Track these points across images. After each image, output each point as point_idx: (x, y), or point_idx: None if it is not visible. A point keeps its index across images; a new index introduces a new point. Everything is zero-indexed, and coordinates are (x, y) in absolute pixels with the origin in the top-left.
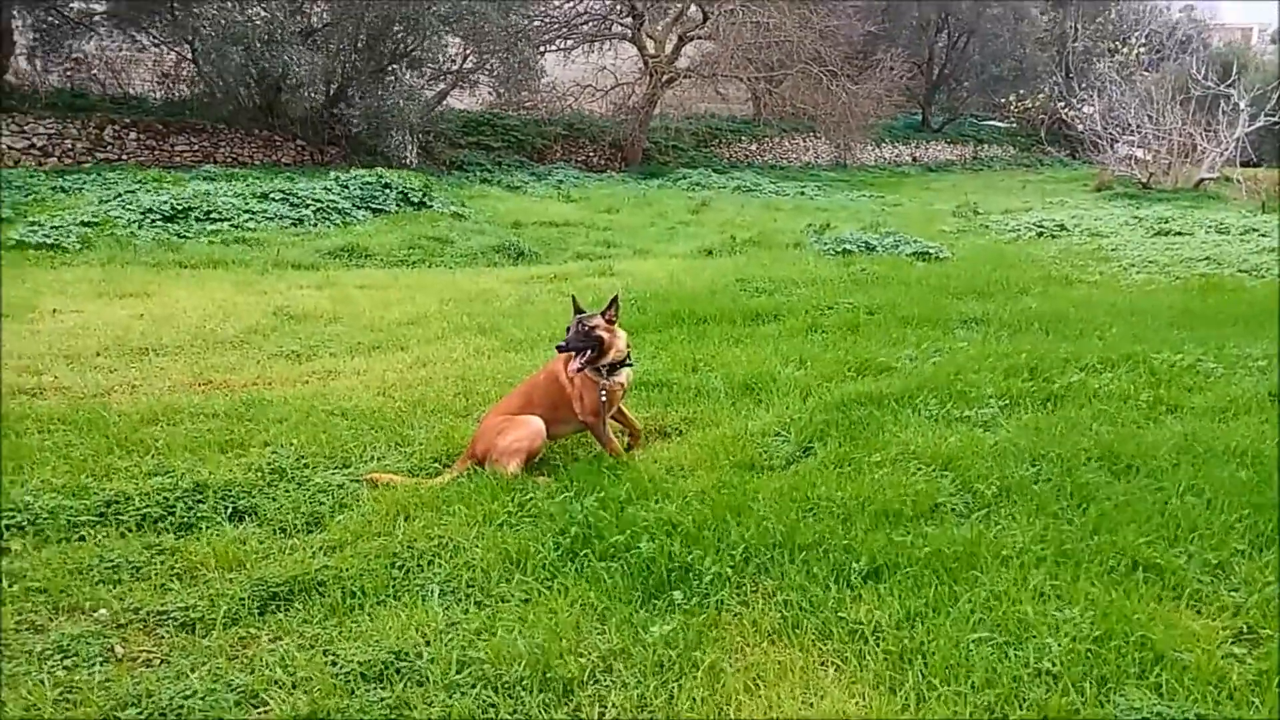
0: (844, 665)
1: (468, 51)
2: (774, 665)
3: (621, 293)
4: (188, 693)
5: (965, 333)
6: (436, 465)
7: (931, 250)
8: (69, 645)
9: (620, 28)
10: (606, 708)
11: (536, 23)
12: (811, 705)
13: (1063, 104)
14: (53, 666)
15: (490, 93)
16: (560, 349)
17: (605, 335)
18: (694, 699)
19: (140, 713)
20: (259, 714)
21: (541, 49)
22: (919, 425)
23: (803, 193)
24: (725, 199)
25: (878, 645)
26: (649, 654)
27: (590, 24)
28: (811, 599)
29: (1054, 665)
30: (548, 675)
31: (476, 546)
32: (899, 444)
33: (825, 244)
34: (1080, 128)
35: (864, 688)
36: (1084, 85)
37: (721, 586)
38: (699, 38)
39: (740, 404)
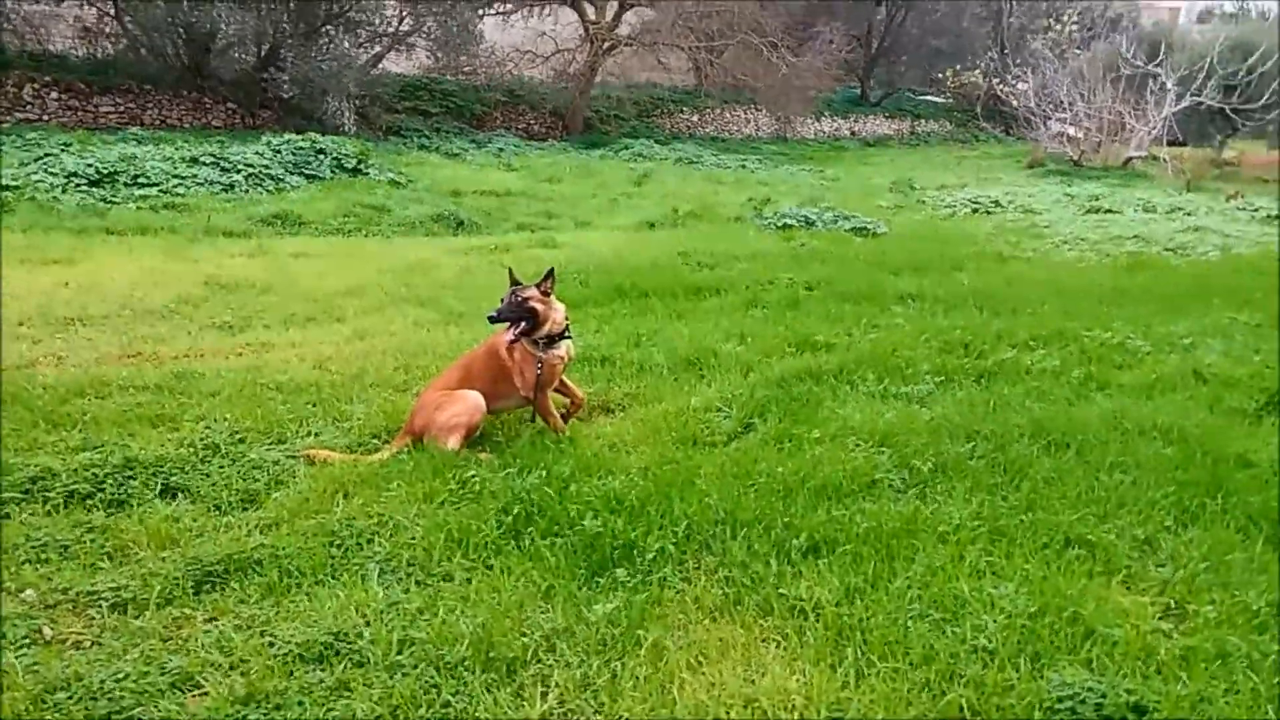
0: (785, 642)
1: (404, 13)
2: (716, 643)
3: (564, 265)
4: (119, 675)
5: (902, 309)
6: (375, 441)
7: (869, 226)
8: None
9: None
10: (550, 687)
11: None
12: (753, 682)
13: (998, 80)
14: None
15: (428, 56)
16: (491, 319)
17: (539, 307)
18: (637, 677)
19: (70, 696)
20: (193, 697)
21: (480, 12)
22: (857, 401)
23: (744, 165)
24: (667, 170)
25: (818, 622)
26: (592, 632)
27: None
28: (753, 575)
29: (990, 642)
30: (490, 655)
31: (417, 525)
32: (838, 420)
33: (766, 219)
34: (1015, 104)
35: (805, 664)
36: (1018, 62)
37: (664, 563)
38: (640, 4)
39: (682, 379)
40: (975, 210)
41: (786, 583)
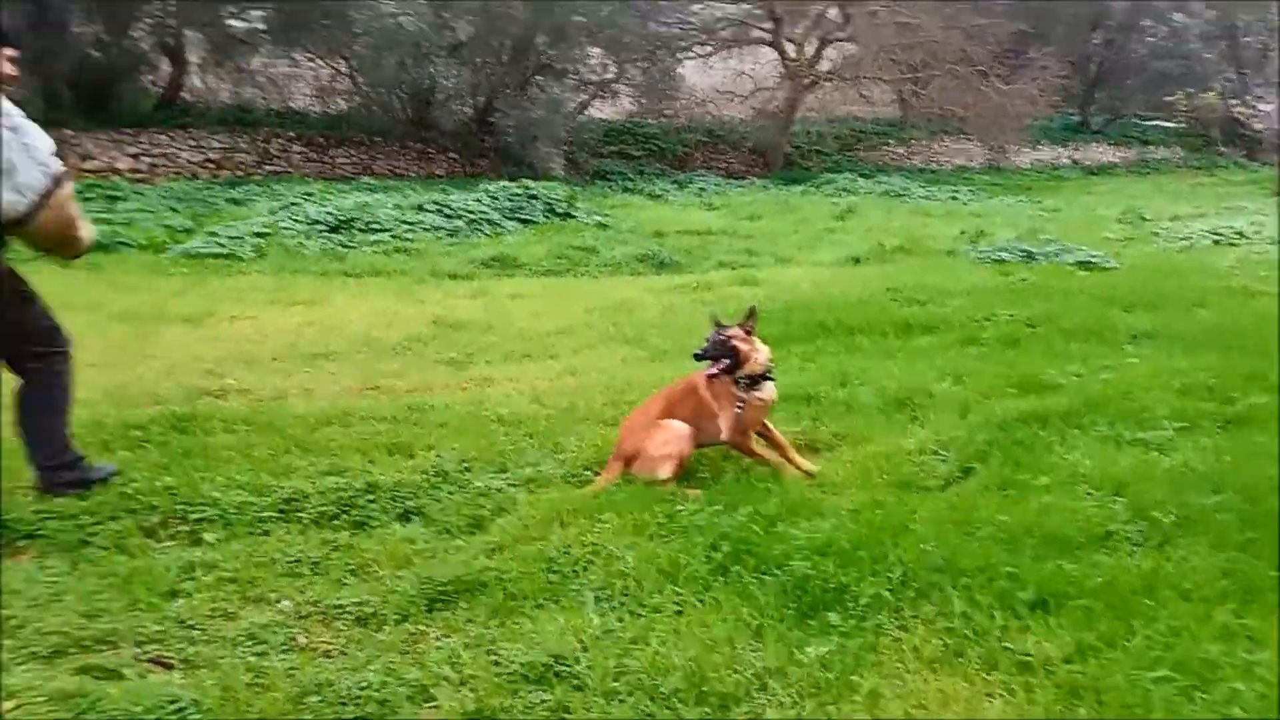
0: (1011, 697)
1: (608, 61)
2: (936, 694)
3: (764, 302)
4: (364, 684)
5: (1135, 348)
6: (587, 473)
7: (1096, 259)
8: (257, 633)
9: (759, 32)
10: None
11: (676, 30)
12: None
13: (1237, 102)
14: (244, 652)
15: (631, 102)
16: (697, 356)
17: (742, 346)
18: None
19: (321, 700)
20: (429, 709)
21: (680, 56)
22: (1088, 447)
23: (954, 197)
24: (872, 204)
25: (1047, 679)
26: (805, 674)
27: (729, 29)
28: (975, 627)
29: (1245, 712)
30: (703, 689)
31: (628, 556)
32: (1066, 466)
33: (981, 252)
34: (1259, 127)
35: None
36: (1260, 82)
37: (879, 609)
38: (840, 40)
39: (894, 420)
40: (1216, 242)
41: (1012, 636)
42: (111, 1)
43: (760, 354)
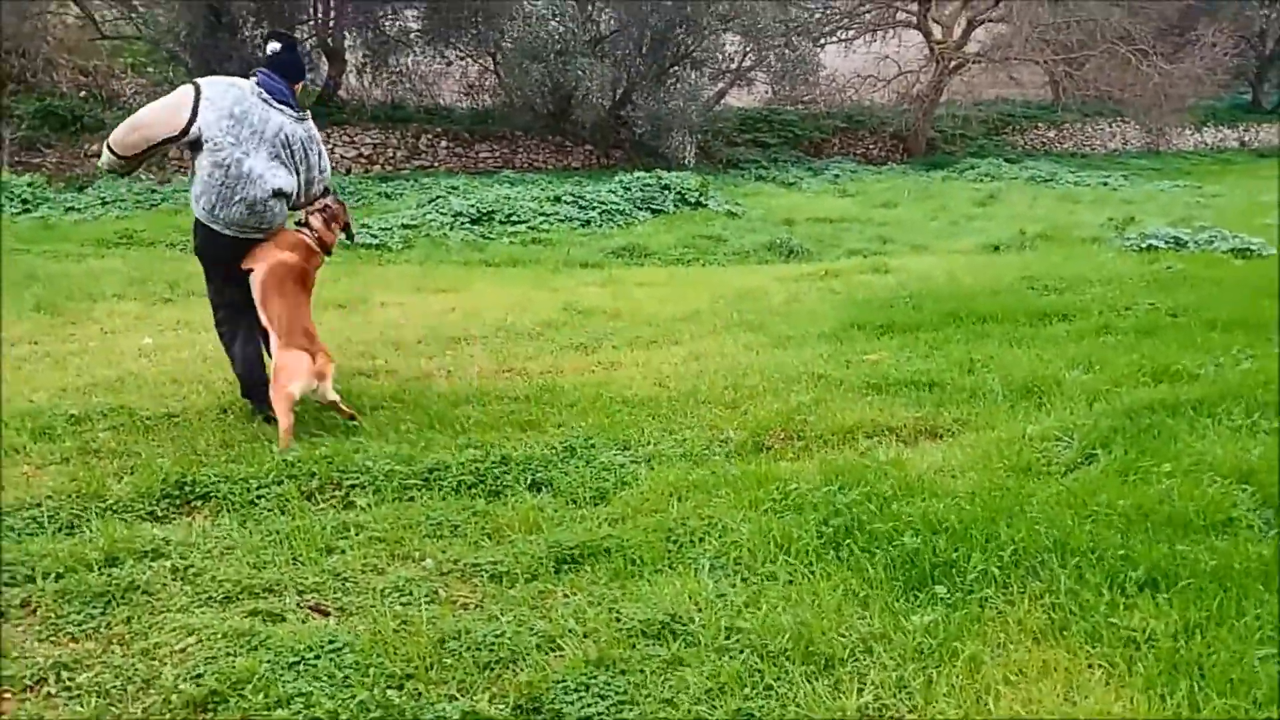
0: (1112, 670)
1: (746, 49)
2: (1037, 664)
3: (895, 290)
4: (498, 633)
5: None
6: (706, 452)
7: (1254, 247)
8: (404, 586)
9: (905, 15)
10: (866, 684)
11: (816, 15)
12: (1074, 704)
13: None
14: (391, 602)
15: (767, 89)
16: None
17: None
18: (952, 685)
19: (461, 645)
20: (555, 657)
21: (821, 41)
22: (1219, 435)
23: (1105, 183)
24: (1017, 190)
25: (1150, 653)
26: (909, 640)
27: (872, 12)
28: (1081, 603)
29: None
30: (810, 649)
31: (743, 528)
32: (1193, 454)
33: (1128, 240)
34: None
35: (1133, 692)
36: None
37: (986, 584)
38: (990, 20)
39: (1019, 407)
40: None
41: (1118, 613)
42: (279, 6)
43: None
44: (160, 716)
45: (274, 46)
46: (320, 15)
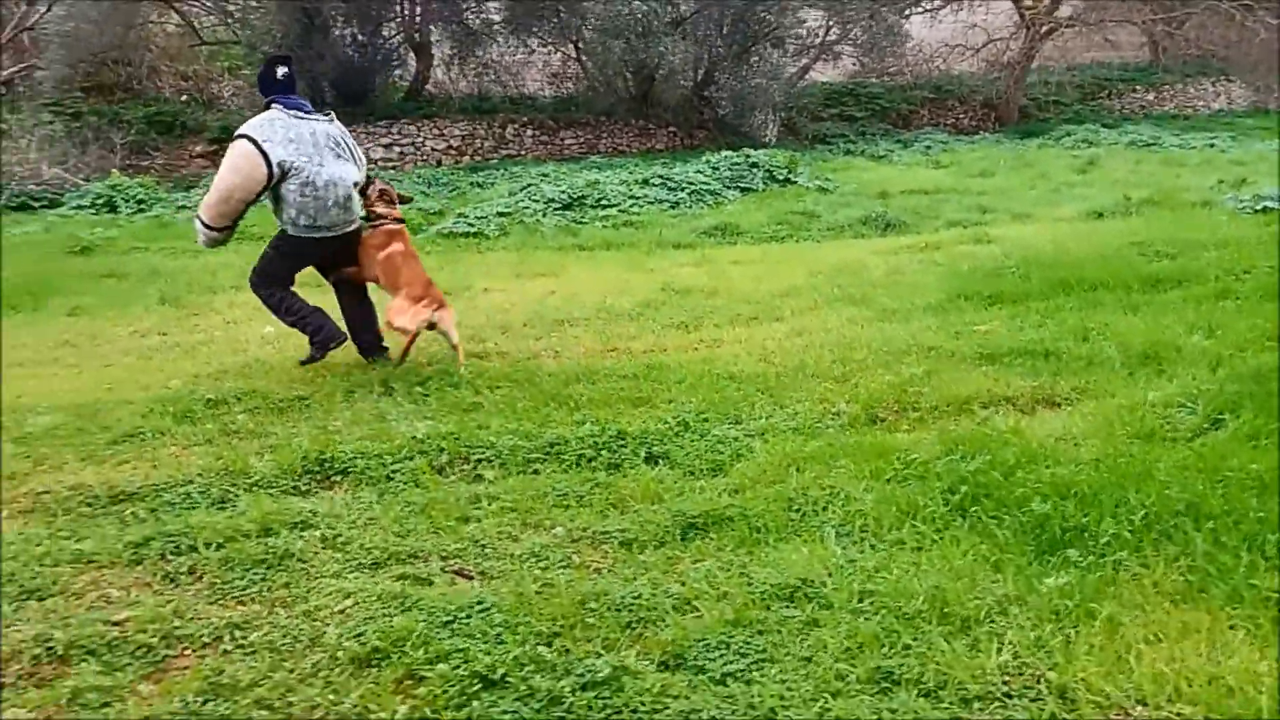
0: (1255, 630)
1: (830, 23)
2: (1177, 625)
3: (1001, 260)
4: (634, 595)
5: None
6: (819, 425)
7: None
8: (539, 552)
9: None
10: (1004, 644)
11: None
12: (1218, 663)
13: None
14: (530, 567)
15: (853, 63)
16: None
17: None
18: (1091, 644)
19: (599, 606)
20: (692, 617)
21: (907, 12)
22: None
23: (1212, 144)
24: (1117, 156)
25: None
26: (1044, 602)
27: None
28: (1219, 566)
29: None
30: (945, 611)
31: (866, 497)
32: None
33: (1241, 201)
34: None
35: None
36: None
37: (1119, 548)
38: None
39: (1138, 374)
40: None
41: (1259, 575)
42: (367, 4)
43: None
44: (329, 671)
45: (284, 70)
46: (407, 12)
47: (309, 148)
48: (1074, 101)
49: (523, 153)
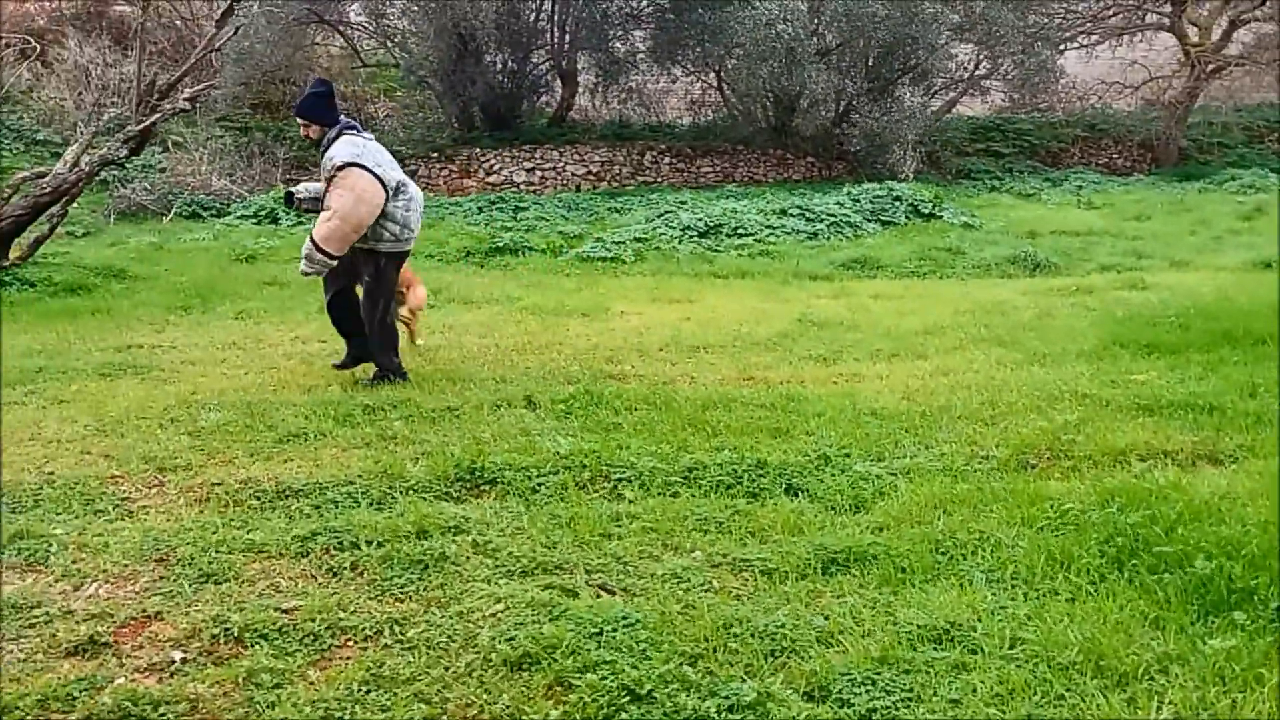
0: None
1: (980, 57)
2: None
3: (1157, 308)
4: (778, 624)
5: None
6: (967, 468)
7: None
8: (680, 573)
9: (1155, 17)
10: (1164, 702)
11: (1058, 20)
12: None
13: None
14: (671, 587)
15: (1002, 98)
16: None
17: None
18: (1259, 711)
19: (743, 632)
20: (835, 651)
21: (1062, 47)
22: None
23: None
24: None
25: None
26: (1207, 663)
27: (1120, 16)
28: None
29: None
30: (1101, 664)
31: (1018, 544)
32: None
33: None
34: None
35: None
36: None
37: None
38: (1256, 19)
39: None
40: None
41: None
42: (519, 32)
43: None
44: (482, 672)
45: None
46: (556, 40)
47: (389, 166)
48: (1239, 144)
49: (659, 179)
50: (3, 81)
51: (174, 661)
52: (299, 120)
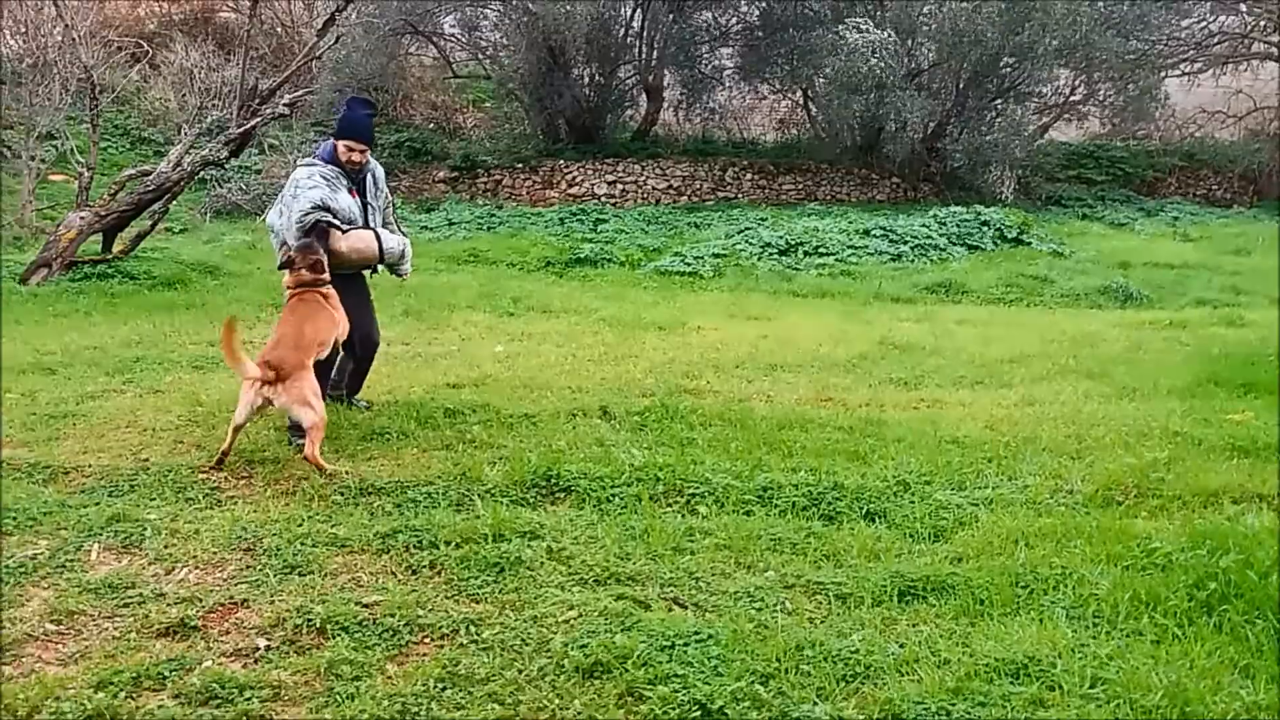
0: None
1: (1077, 81)
2: None
3: (1256, 347)
4: (852, 649)
5: None
6: (1049, 500)
7: None
8: (752, 592)
9: (1263, 46)
10: None
11: (1160, 47)
12: None
13: None
14: (744, 606)
15: (1099, 124)
16: None
17: None
18: None
19: (816, 654)
20: (909, 680)
21: (1164, 74)
22: None
23: None
24: None
25: None
26: None
27: (1225, 44)
28: None
29: None
30: (1186, 709)
31: (1102, 581)
32: None
33: None
34: None
35: None
36: None
37: None
38: None
39: None
40: None
41: None
42: (607, 47)
43: None
44: (555, 677)
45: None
46: (643, 56)
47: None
48: None
49: (740, 195)
50: (115, 83)
51: (259, 648)
52: (358, 145)
